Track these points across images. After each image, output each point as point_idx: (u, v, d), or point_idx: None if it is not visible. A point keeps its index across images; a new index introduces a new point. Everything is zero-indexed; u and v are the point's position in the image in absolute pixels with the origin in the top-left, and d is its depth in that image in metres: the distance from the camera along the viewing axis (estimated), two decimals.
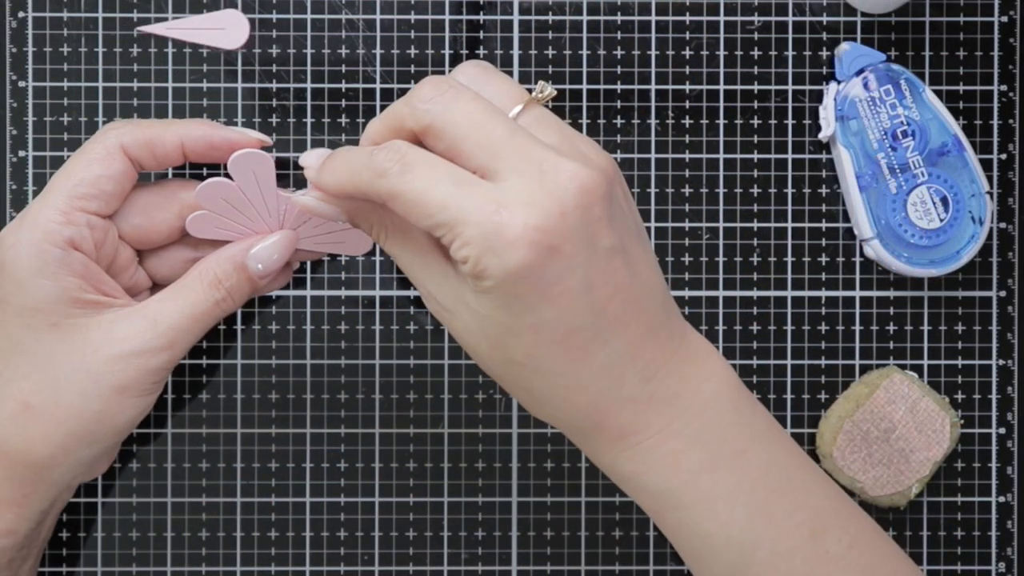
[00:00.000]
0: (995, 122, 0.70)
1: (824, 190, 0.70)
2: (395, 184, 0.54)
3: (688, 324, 0.59)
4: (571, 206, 0.54)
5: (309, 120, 0.69)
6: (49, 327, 0.61)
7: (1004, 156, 0.70)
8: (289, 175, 0.69)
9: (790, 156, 0.70)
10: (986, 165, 0.70)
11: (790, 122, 0.70)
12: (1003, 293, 0.70)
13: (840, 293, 0.70)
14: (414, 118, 0.55)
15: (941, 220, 0.68)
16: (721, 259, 0.70)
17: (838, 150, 0.69)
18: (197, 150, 0.63)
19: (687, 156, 0.70)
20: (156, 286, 0.66)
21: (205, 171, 0.68)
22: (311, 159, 0.58)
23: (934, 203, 0.68)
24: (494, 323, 0.55)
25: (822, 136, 0.69)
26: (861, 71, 0.68)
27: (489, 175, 0.54)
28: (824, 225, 0.70)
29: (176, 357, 0.62)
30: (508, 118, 0.55)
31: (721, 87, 0.70)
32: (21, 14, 0.69)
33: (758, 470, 0.57)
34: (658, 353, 0.56)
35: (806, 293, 0.70)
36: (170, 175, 0.68)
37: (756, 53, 0.70)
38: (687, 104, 0.70)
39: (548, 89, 0.57)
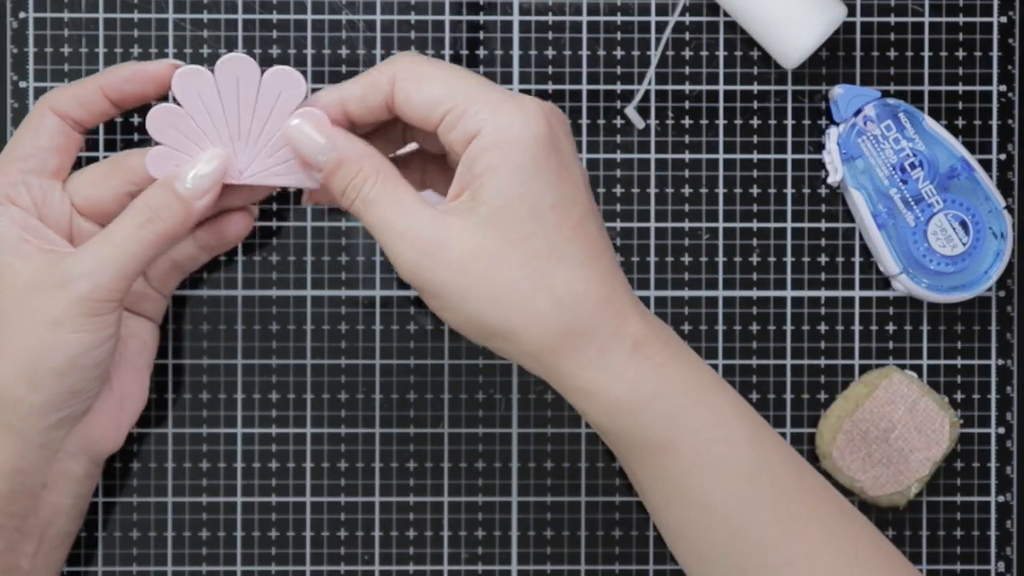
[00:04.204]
0: (994, 122, 0.70)
1: (824, 190, 0.70)
2: (420, 66, 0.59)
3: None
4: (553, 122, 0.58)
5: None
6: None
7: (1003, 156, 0.70)
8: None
9: (790, 156, 0.70)
10: (985, 165, 0.70)
11: (790, 122, 0.70)
12: (1002, 293, 0.71)
13: (840, 293, 0.70)
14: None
15: (964, 244, 0.68)
16: (721, 259, 0.70)
17: (850, 193, 0.69)
18: (115, 86, 0.63)
19: (687, 156, 0.70)
20: None
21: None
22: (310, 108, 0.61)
23: (954, 229, 0.68)
24: (514, 211, 0.57)
25: (831, 181, 0.69)
26: (858, 111, 0.68)
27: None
28: (824, 225, 0.70)
29: (103, 285, 0.61)
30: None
31: (721, 87, 0.70)
32: (22, 15, 0.69)
33: (738, 398, 0.60)
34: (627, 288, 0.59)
35: (806, 293, 0.70)
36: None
37: (756, 54, 0.70)
38: (687, 104, 0.70)
39: None
